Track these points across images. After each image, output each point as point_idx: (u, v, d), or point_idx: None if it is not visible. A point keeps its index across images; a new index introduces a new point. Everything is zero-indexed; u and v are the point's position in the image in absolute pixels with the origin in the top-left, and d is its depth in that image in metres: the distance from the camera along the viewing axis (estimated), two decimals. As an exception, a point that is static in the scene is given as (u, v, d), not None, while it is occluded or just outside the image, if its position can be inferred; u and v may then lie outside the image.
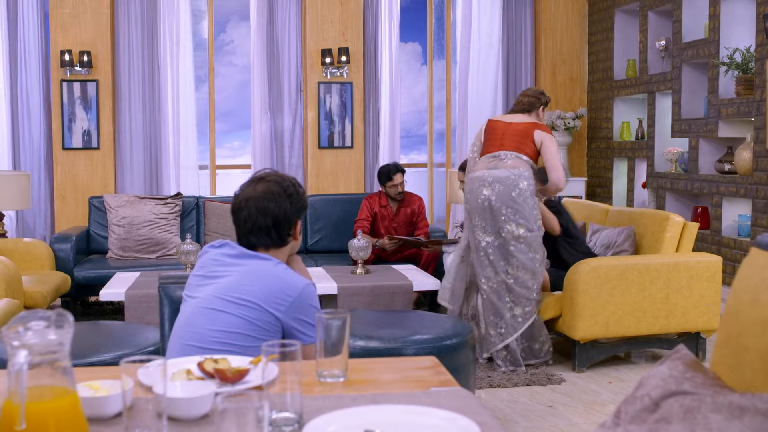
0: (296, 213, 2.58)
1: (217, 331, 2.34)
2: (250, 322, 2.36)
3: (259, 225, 2.51)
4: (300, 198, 2.60)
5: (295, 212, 2.57)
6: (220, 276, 2.45)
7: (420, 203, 6.84)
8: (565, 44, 8.62)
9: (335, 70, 8.06)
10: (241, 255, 2.49)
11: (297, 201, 2.58)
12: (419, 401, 1.74)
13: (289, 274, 2.46)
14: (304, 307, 2.41)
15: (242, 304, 2.37)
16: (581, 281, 4.86)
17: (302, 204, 2.61)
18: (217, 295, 2.40)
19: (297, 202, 2.58)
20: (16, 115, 7.82)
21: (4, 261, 5.01)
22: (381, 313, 4.45)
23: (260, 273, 2.44)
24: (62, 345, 1.46)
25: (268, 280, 2.42)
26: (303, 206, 2.62)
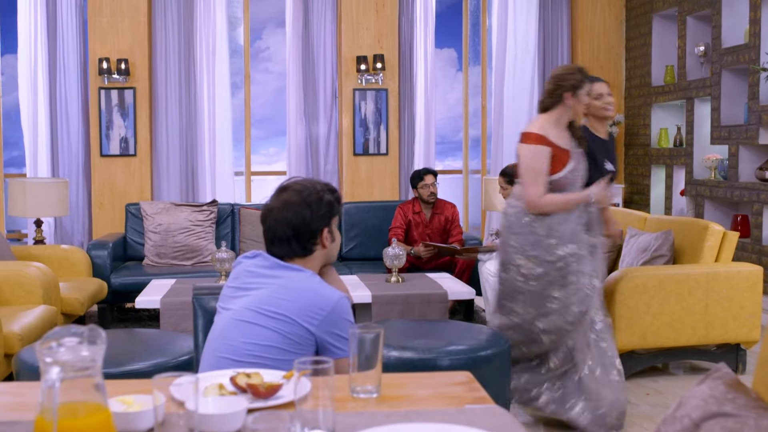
0: (318, 221, 2.50)
1: (250, 344, 2.32)
2: (283, 336, 2.33)
3: (280, 236, 2.48)
4: (322, 205, 2.50)
5: (316, 220, 2.49)
6: (254, 288, 2.43)
7: (454, 210, 6.80)
8: (602, 50, 8.54)
9: (370, 77, 8.06)
10: (274, 266, 2.47)
11: (318, 208, 2.50)
12: (453, 419, 1.72)
13: (322, 287, 2.42)
14: (338, 321, 2.36)
15: (275, 317, 2.34)
16: (618, 291, 4.80)
17: (325, 211, 2.51)
18: (250, 308, 2.38)
19: (318, 210, 2.49)
20: (55, 123, 7.91)
21: (42, 267, 5.06)
22: (415, 323, 4.42)
23: (293, 286, 2.40)
24: (95, 361, 1.46)
25: (301, 294, 2.38)
26: (327, 213, 2.52)
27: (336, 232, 2.58)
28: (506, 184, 6.10)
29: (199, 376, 2.05)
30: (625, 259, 5.51)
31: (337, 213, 2.56)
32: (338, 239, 2.60)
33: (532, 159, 3.97)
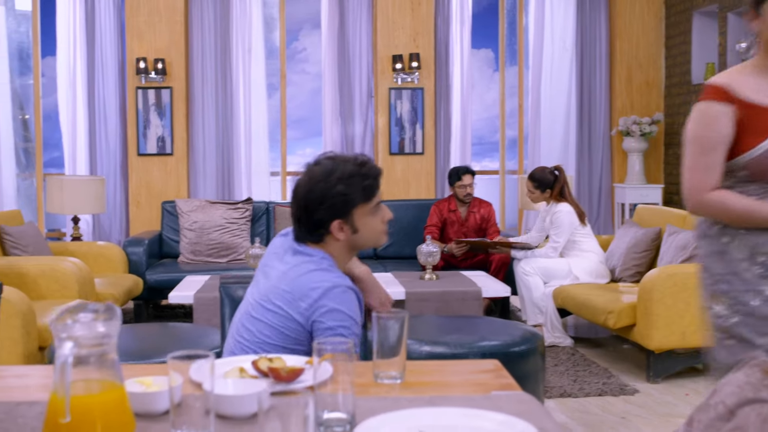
0: (325, 212, 2.25)
1: (253, 342, 2.24)
2: (279, 332, 2.21)
3: (292, 215, 2.33)
4: (329, 197, 2.24)
5: (321, 211, 2.25)
6: (270, 272, 2.33)
7: (489, 209, 6.74)
8: (641, 48, 8.42)
9: (406, 76, 8.02)
10: (287, 250, 2.34)
11: (324, 200, 2.25)
12: (478, 405, 1.67)
13: (317, 273, 2.22)
14: (325, 311, 2.16)
15: (273, 310, 2.23)
16: (656, 289, 4.70)
17: (334, 203, 2.24)
18: (257, 300, 2.30)
19: (324, 201, 2.25)
20: (94, 123, 7.99)
21: (77, 263, 5.10)
22: (448, 319, 4.38)
23: (291, 274, 2.25)
24: (110, 337, 1.44)
25: (292, 281, 2.22)
26: (338, 206, 2.24)
27: (362, 223, 2.29)
28: (534, 188, 6.01)
29: (220, 360, 2.03)
30: (663, 257, 5.41)
31: (356, 204, 2.26)
32: (368, 229, 2.30)
33: (699, 124, 2.49)
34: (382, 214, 2.36)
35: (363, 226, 2.30)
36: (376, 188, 2.32)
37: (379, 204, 2.35)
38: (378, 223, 2.34)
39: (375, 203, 2.32)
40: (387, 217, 2.37)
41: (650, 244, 5.70)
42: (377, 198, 2.33)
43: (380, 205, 2.35)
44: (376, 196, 2.33)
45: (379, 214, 2.35)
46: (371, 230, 2.33)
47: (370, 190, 2.30)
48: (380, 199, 2.35)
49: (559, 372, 4.96)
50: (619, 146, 8.40)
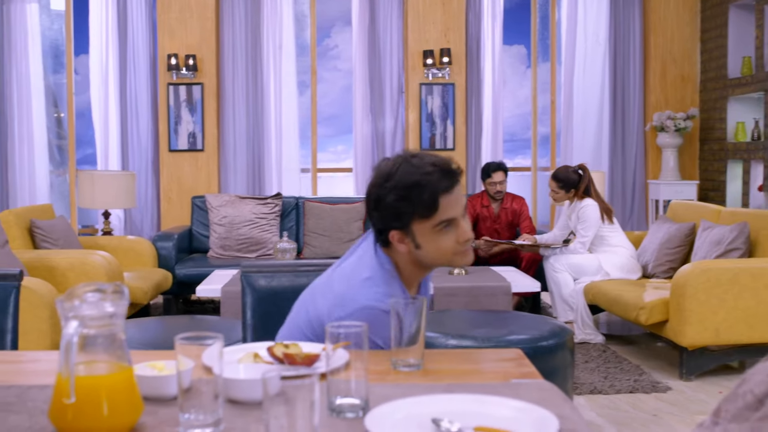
0: (381, 220, 2.02)
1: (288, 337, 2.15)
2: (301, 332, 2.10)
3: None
4: (383, 206, 1.99)
5: (378, 218, 2.02)
6: (342, 261, 2.18)
7: (522, 203, 6.67)
8: (676, 42, 8.28)
9: (437, 71, 7.97)
10: (358, 244, 2.16)
11: (377, 206, 2.01)
12: (496, 392, 1.62)
13: (364, 286, 1.99)
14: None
15: (306, 315, 2.11)
16: (689, 284, 4.61)
17: (388, 213, 1.99)
18: (305, 292, 2.20)
19: (377, 207, 2.02)
20: (125, 119, 8.03)
21: (106, 256, 5.11)
22: (477, 313, 4.33)
23: (336, 277, 2.09)
24: (117, 317, 1.41)
25: (331, 289, 2.06)
26: (392, 216, 1.99)
27: (425, 240, 1.99)
28: (558, 188, 5.92)
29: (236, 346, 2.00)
30: (697, 252, 5.31)
31: (412, 218, 1.97)
32: (432, 248, 2.00)
33: None
34: (457, 234, 2.00)
35: (426, 243, 2.00)
36: (435, 204, 1.95)
37: (452, 221, 1.98)
38: (448, 242, 2.00)
39: (439, 221, 1.97)
40: (463, 238, 2.00)
41: (684, 240, 5.61)
42: (441, 215, 1.96)
43: (455, 221, 1.99)
44: (438, 212, 1.96)
45: (451, 232, 1.99)
46: (437, 249, 2.00)
47: (430, 206, 1.95)
48: (450, 216, 1.97)
49: (589, 369, 4.88)
50: (653, 142, 8.28)
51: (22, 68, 7.93)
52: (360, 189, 8.26)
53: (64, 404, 1.36)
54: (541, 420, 1.41)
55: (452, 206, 1.97)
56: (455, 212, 1.98)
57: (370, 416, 1.43)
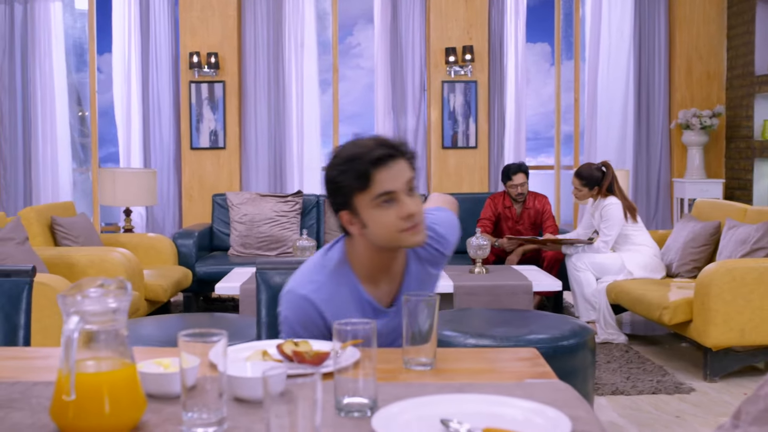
0: (331, 200, 2.03)
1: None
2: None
3: None
4: (329, 184, 2.02)
5: (330, 199, 2.04)
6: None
7: (545, 202, 6.59)
8: (702, 39, 8.17)
9: (459, 69, 7.91)
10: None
11: (326, 186, 2.04)
12: (509, 393, 1.58)
13: (302, 270, 2.09)
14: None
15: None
16: (714, 284, 4.53)
17: (332, 191, 2.02)
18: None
19: (326, 187, 2.05)
20: (148, 117, 8.05)
21: (126, 253, 5.12)
22: (497, 312, 4.28)
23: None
24: (120, 313, 1.39)
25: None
26: (337, 196, 2.00)
27: (368, 216, 1.96)
28: (581, 186, 5.84)
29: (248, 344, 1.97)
30: (723, 251, 5.23)
31: (352, 193, 1.95)
32: (376, 225, 1.96)
33: None
34: (398, 209, 1.95)
35: (370, 220, 1.97)
36: (368, 174, 1.92)
37: (392, 195, 1.94)
38: (389, 217, 1.95)
39: (378, 194, 1.93)
40: (404, 212, 1.95)
41: (709, 239, 5.52)
42: (378, 187, 1.93)
43: (395, 196, 1.95)
44: (375, 184, 1.93)
45: (392, 207, 1.95)
46: (381, 226, 1.96)
47: (363, 176, 1.93)
48: (387, 188, 1.94)
49: (611, 369, 4.81)
50: (679, 140, 8.18)
51: (45, 67, 7.97)
52: (381, 187, 8.20)
53: (65, 402, 1.33)
54: (554, 421, 1.37)
55: (390, 179, 1.94)
56: (394, 186, 1.94)
57: (377, 416, 1.39)
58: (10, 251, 4.46)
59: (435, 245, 2.17)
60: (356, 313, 2.06)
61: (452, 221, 2.28)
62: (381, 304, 2.11)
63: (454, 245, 2.26)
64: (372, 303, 2.09)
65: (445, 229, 2.23)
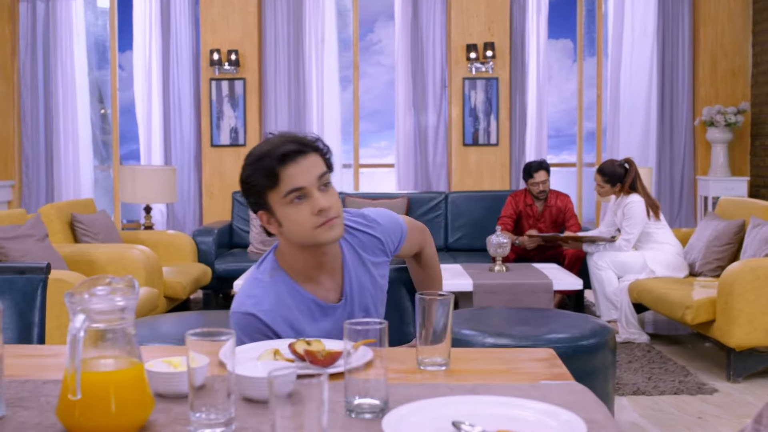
0: (246, 198, 2.03)
1: None
2: None
3: None
4: (243, 184, 2.01)
5: (245, 196, 2.04)
6: None
7: (567, 201, 6.52)
8: (727, 35, 8.07)
9: (480, 66, 7.86)
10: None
11: (241, 181, 2.03)
12: (524, 394, 1.54)
13: (246, 283, 2.08)
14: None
15: None
16: (738, 283, 4.47)
17: (245, 191, 2.01)
18: None
19: (241, 183, 2.03)
20: (168, 114, 8.06)
21: (145, 251, 5.12)
22: (516, 311, 4.24)
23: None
24: (128, 312, 1.37)
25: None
26: (250, 196, 2.00)
27: (282, 214, 1.96)
28: (604, 183, 5.77)
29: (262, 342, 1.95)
30: (747, 250, 5.15)
31: (264, 191, 1.95)
32: (290, 222, 1.96)
33: None
34: (311, 205, 1.94)
35: (284, 218, 1.97)
36: (275, 170, 1.91)
37: (303, 191, 1.93)
38: (302, 214, 1.94)
39: (287, 191, 1.92)
40: (316, 208, 1.93)
41: (733, 237, 5.45)
42: (287, 184, 1.92)
43: (306, 192, 1.94)
44: (283, 181, 1.92)
45: (305, 204, 1.94)
46: (295, 223, 1.95)
47: (270, 173, 1.92)
48: (297, 185, 1.92)
49: (633, 369, 4.76)
50: (703, 137, 8.08)
51: (67, 64, 8.00)
52: (402, 185, 8.19)
53: (71, 401, 1.31)
54: (568, 425, 1.33)
55: (298, 175, 1.92)
56: (303, 181, 1.93)
57: (387, 418, 1.36)
58: (29, 248, 4.47)
59: (363, 229, 2.17)
60: (303, 315, 2.05)
61: (383, 210, 2.26)
62: (327, 300, 2.09)
63: (393, 232, 2.23)
64: (316, 301, 2.07)
65: (376, 215, 2.22)
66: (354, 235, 2.15)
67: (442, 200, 7.17)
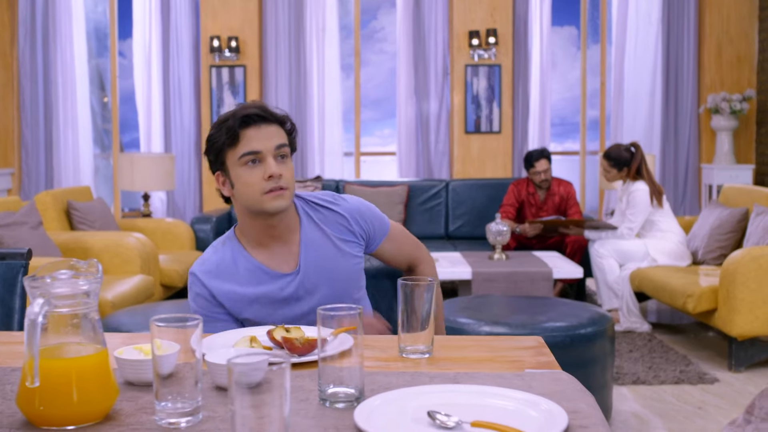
0: (206, 153, 2.10)
1: None
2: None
3: None
4: (208, 137, 2.06)
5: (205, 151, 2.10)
6: None
7: (569, 188, 6.45)
8: (732, 21, 7.96)
9: (483, 52, 7.77)
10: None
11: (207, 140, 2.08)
12: (507, 383, 1.49)
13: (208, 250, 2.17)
14: None
15: None
16: (740, 272, 4.40)
17: (208, 144, 2.06)
18: None
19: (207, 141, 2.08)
20: (168, 101, 8.01)
21: (141, 238, 5.07)
22: (514, 299, 4.18)
23: None
24: (92, 296, 1.31)
25: None
26: (210, 153, 2.06)
27: (235, 175, 2.01)
28: (610, 167, 5.69)
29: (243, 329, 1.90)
30: (750, 238, 5.08)
31: (223, 149, 2.01)
32: (241, 184, 2.00)
33: None
34: (263, 169, 1.98)
35: (237, 179, 2.01)
36: (236, 130, 1.97)
37: (258, 156, 1.98)
38: (254, 177, 1.98)
39: (244, 152, 1.97)
40: (267, 173, 1.97)
41: (736, 225, 5.37)
42: (245, 145, 1.97)
43: (261, 157, 1.98)
44: (242, 142, 1.98)
45: (258, 168, 1.99)
46: (246, 185, 1.99)
47: (232, 131, 1.97)
48: (254, 148, 1.97)
49: (633, 358, 4.70)
50: (708, 124, 7.99)
51: (66, 52, 7.94)
52: (404, 172, 8.13)
53: (31, 390, 1.26)
54: (549, 414, 1.28)
55: (257, 139, 1.98)
56: (260, 146, 1.98)
57: (360, 407, 1.31)
58: (22, 235, 4.43)
59: (327, 205, 2.19)
60: (245, 279, 2.09)
61: (364, 201, 2.28)
62: (278, 269, 2.11)
63: (365, 216, 2.23)
64: (262, 268, 2.09)
65: (348, 197, 2.24)
66: (317, 210, 2.18)
67: (442, 188, 7.10)
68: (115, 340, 1.83)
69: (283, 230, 2.10)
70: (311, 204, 2.18)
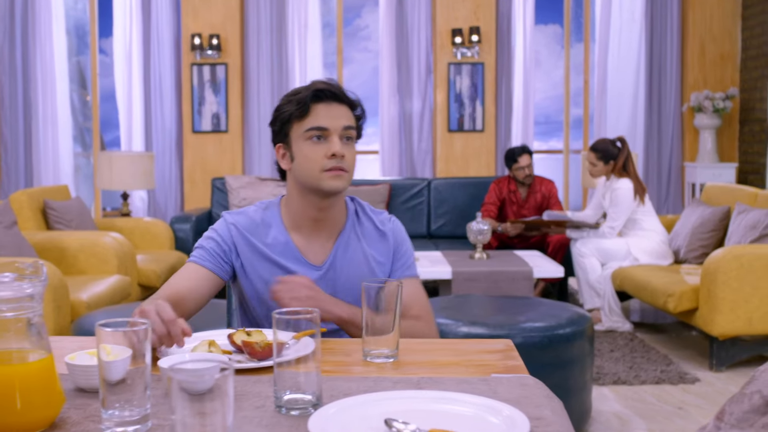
0: (274, 134, 2.08)
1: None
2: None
3: None
4: (275, 114, 2.05)
5: (273, 133, 2.09)
6: None
7: (551, 186, 6.42)
8: (716, 19, 7.95)
9: (466, 51, 7.73)
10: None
11: (275, 111, 2.07)
12: (471, 388, 1.45)
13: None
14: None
15: None
16: (721, 270, 4.38)
17: (274, 119, 2.05)
18: None
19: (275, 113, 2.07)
20: (149, 100, 7.93)
21: (118, 238, 5.01)
22: (493, 299, 4.14)
23: None
24: (35, 299, 1.26)
25: None
26: (277, 124, 2.04)
27: (297, 148, 1.99)
28: (597, 160, 5.65)
29: (204, 332, 1.85)
30: (731, 236, 5.06)
31: (291, 120, 2.00)
32: (302, 157, 1.98)
33: None
34: (327, 147, 1.96)
35: (298, 152, 2.00)
36: (307, 104, 1.96)
37: (325, 132, 1.96)
38: (316, 153, 1.96)
39: (311, 126, 1.96)
40: (330, 151, 1.95)
41: (718, 224, 5.35)
42: (313, 120, 1.96)
43: (328, 134, 1.97)
44: (311, 116, 1.97)
45: (322, 145, 1.97)
46: (307, 161, 1.97)
47: (302, 104, 1.96)
48: (322, 123, 1.96)
49: (614, 358, 4.67)
50: (690, 123, 7.98)
51: (46, 49, 7.84)
52: (386, 171, 8.09)
53: (-31, 397, 1.21)
54: (511, 421, 1.23)
55: (326, 116, 1.97)
56: (328, 123, 1.97)
57: (315, 415, 1.26)
58: (-5, 235, 4.36)
59: (379, 225, 2.13)
60: (271, 248, 2.05)
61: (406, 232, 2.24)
62: (306, 256, 2.06)
63: (402, 247, 2.15)
64: (291, 247, 2.06)
65: (400, 225, 2.19)
66: (362, 223, 2.13)
67: (425, 187, 7.06)
68: (77, 345, 1.77)
69: (327, 219, 2.06)
70: (366, 213, 2.14)
